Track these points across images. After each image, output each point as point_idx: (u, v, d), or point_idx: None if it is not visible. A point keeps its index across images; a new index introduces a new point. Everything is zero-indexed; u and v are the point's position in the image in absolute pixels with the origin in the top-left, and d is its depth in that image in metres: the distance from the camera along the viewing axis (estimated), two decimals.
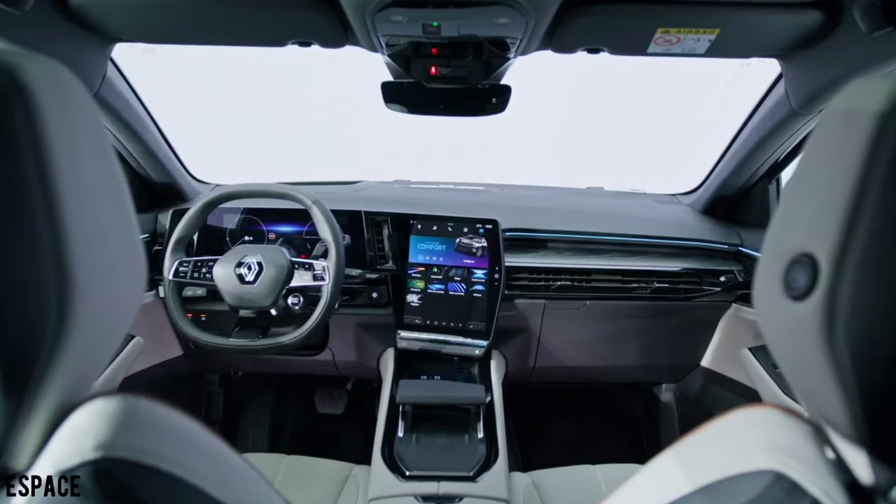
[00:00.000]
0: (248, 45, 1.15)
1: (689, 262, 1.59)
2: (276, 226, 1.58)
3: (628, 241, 1.61)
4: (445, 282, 1.51)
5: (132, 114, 1.37)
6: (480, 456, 1.17)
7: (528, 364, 1.72)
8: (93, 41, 1.11)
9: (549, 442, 2.12)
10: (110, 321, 0.46)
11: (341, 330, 1.64)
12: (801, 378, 0.43)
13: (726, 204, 1.68)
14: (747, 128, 1.43)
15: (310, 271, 1.32)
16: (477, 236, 1.51)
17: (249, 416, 2.06)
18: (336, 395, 2.13)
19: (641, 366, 1.78)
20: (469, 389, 1.34)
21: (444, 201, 1.67)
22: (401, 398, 1.27)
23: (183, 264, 1.35)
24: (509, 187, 1.96)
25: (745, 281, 1.56)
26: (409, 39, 1.07)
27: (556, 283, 1.55)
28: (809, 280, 0.36)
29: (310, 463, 1.32)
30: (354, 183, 1.91)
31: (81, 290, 0.38)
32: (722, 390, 1.69)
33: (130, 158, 1.53)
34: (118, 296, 0.46)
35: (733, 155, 1.51)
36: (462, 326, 1.49)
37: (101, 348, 0.48)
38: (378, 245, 1.55)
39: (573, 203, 1.80)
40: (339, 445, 2.07)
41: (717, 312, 1.64)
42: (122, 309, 0.48)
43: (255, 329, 1.34)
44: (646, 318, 1.65)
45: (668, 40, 1.03)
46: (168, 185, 1.65)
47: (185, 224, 1.36)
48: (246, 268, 1.30)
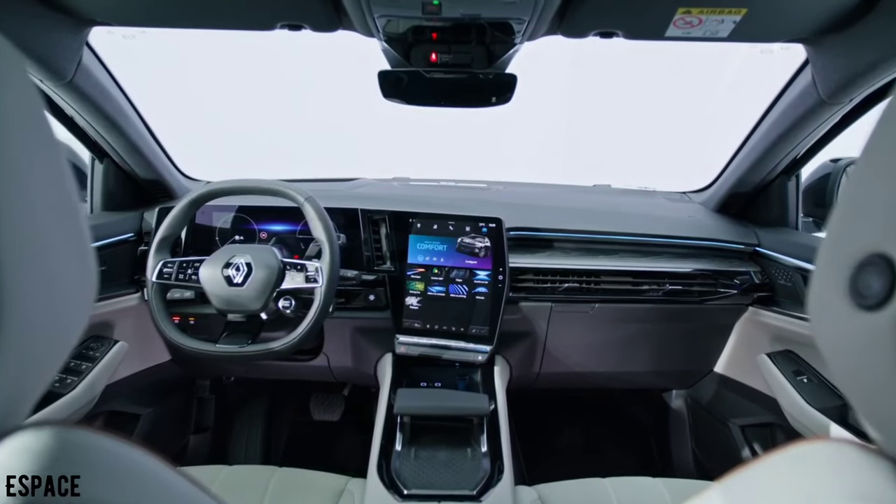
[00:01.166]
0: (235, 29, 1.07)
1: (704, 262, 1.51)
2: (268, 225, 1.50)
3: (639, 240, 1.53)
4: (446, 283, 1.43)
5: (112, 104, 1.29)
6: (484, 472, 1.09)
7: (534, 370, 1.64)
8: (65, 24, 1.03)
9: (554, 450, 2.04)
10: (49, 341, 0.38)
11: (337, 334, 1.56)
12: (874, 404, 0.36)
13: (742, 202, 1.60)
14: (767, 120, 1.35)
15: (302, 272, 1.24)
16: (480, 235, 1.43)
17: (242, 423, 1.98)
18: (332, 401, 2.05)
19: (652, 371, 1.70)
20: (472, 399, 1.26)
21: (445, 199, 1.59)
22: (398, 409, 1.18)
23: (167, 265, 1.27)
24: (513, 185, 1.88)
25: (762, 283, 1.48)
26: (408, 21, 0.99)
27: (563, 285, 1.47)
28: (886, 286, 0.30)
29: (303, 476, 1.25)
30: (351, 180, 1.83)
31: (11, 305, 0.31)
32: (737, 397, 1.61)
33: (113, 153, 1.46)
34: (61, 311, 0.38)
35: (751, 150, 1.43)
36: (464, 331, 1.41)
37: (37, 372, 0.40)
38: (375, 245, 1.48)
39: (580, 201, 1.72)
40: (336, 454, 1.99)
41: (733, 316, 1.56)
42: (66, 326, 0.40)
43: (244, 334, 1.27)
44: (657, 322, 1.57)
45: (688, 22, 0.95)
46: (155, 181, 1.57)
47: (169, 222, 1.28)
48: (234, 269, 1.22)
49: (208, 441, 1.89)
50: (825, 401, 1.27)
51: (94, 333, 1.43)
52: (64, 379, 1.29)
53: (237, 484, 1.21)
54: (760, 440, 1.56)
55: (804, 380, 1.34)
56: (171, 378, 1.71)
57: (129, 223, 1.51)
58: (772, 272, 1.47)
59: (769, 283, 1.48)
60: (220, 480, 1.21)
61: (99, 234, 1.41)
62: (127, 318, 1.48)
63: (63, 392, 1.26)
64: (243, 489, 1.20)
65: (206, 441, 1.89)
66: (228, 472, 1.24)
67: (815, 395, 1.29)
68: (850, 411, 1.23)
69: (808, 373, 1.35)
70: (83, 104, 1.22)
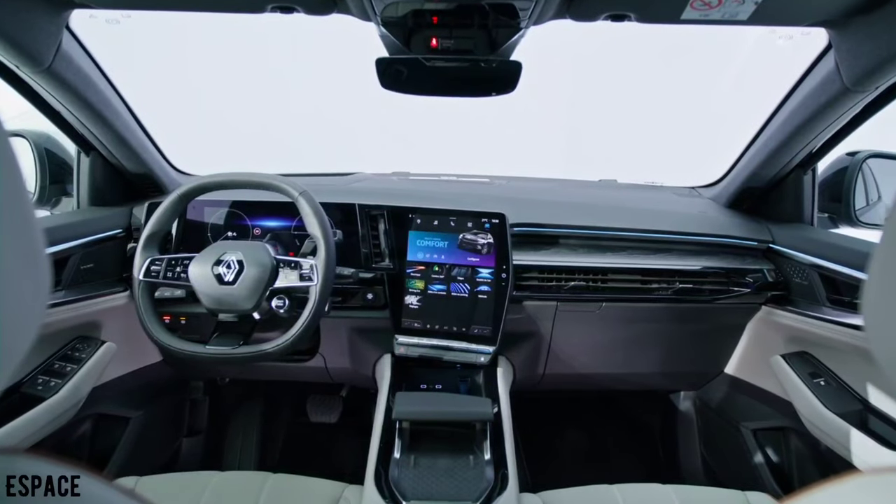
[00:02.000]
0: (223, 11, 1.01)
1: (715, 260, 1.45)
2: (262, 220, 1.45)
3: (648, 237, 1.48)
4: (447, 282, 1.37)
5: (96, 93, 1.23)
6: (488, 482, 1.03)
7: (538, 371, 1.58)
8: (42, 5, 0.97)
9: (557, 454, 1.99)
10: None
11: (333, 334, 1.51)
12: None
13: (755, 197, 1.54)
14: (784, 110, 1.29)
15: (296, 270, 1.18)
16: (482, 232, 1.37)
17: (237, 426, 1.92)
18: (330, 402, 2.00)
19: (659, 373, 1.64)
20: (474, 403, 1.19)
21: (447, 194, 1.53)
22: (397, 414, 1.12)
23: (155, 262, 1.21)
24: (516, 179, 1.82)
25: (776, 281, 1.42)
26: (407, 4, 0.93)
27: (569, 284, 1.41)
28: None
29: (297, 482, 1.19)
30: (348, 175, 1.77)
31: None
32: (748, 400, 1.55)
33: (99, 145, 1.40)
34: (8, 319, 0.33)
35: (766, 141, 1.37)
36: (466, 331, 1.36)
37: None
38: (373, 241, 1.42)
39: (586, 196, 1.66)
40: (333, 458, 1.93)
41: (745, 316, 1.50)
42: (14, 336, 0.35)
43: (235, 335, 1.21)
44: (666, 322, 1.51)
45: (706, 3, 0.89)
46: (144, 175, 1.51)
47: (157, 218, 1.22)
48: (225, 266, 1.16)
49: (202, 444, 1.84)
50: (844, 405, 1.21)
51: (81, 334, 1.38)
52: (47, 381, 1.23)
53: (228, 491, 1.15)
54: (773, 444, 1.50)
55: (821, 382, 1.28)
56: (162, 379, 1.65)
57: (117, 219, 1.46)
58: (786, 270, 1.41)
59: (783, 281, 1.42)
60: (211, 487, 1.16)
61: (86, 231, 1.35)
62: (115, 318, 1.42)
63: (45, 396, 1.20)
64: (235, 497, 1.14)
65: (200, 444, 1.83)
66: (220, 479, 1.19)
67: (833, 398, 1.24)
68: (871, 416, 1.17)
69: (825, 375, 1.29)
70: (64, 93, 1.16)
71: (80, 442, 1.44)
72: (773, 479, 1.46)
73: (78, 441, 1.44)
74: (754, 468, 1.51)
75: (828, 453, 1.31)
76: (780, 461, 1.48)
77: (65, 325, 1.31)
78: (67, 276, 1.29)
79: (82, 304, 1.32)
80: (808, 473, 1.39)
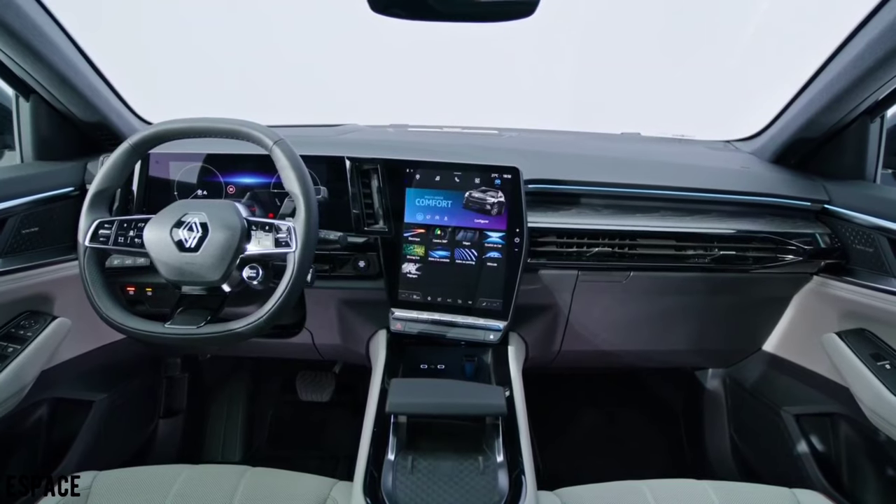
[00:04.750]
0: None
1: (761, 223, 1.25)
2: (237, 177, 1.25)
3: (683, 195, 1.28)
4: (451, 247, 1.19)
5: (31, 29, 1.03)
6: (502, 492, 0.85)
7: (553, 348, 1.41)
8: None
9: (573, 440, 1.83)
10: None
11: (321, 307, 1.33)
12: None
13: (807, 150, 1.33)
14: (852, 48, 1.07)
15: (271, 234, 0.98)
16: (492, 189, 1.17)
17: (220, 406, 1.76)
18: (322, 379, 1.83)
19: (689, 350, 1.47)
20: (485, 394, 1.00)
21: (450, 146, 1.33)
22: (391, 406, 0.94)
23: (104, 226, 1.01)
24: (528, 132, 1.61)
25: (831, 247, 1.23)
26: None
27: (591, 250, 1.22)
28: None
29: (279, 477, 1.03)
30: (338, 126, 1.56)
31: None
32: (791, 381, 1.38)
33: (40, 88, 1.19)
34: None
35: (828, 85, 1.15)
36: (472, 304, 1.19)
37: None
38: (366, 201, 1.22)
39: (609, 150, 1.45)
40: (325, 442, 1.78)
41: (792, 287, 1.32)
42: None
43: (201, 310, 1.02)
44: (700, 294, 1.33)
45: None
46: (98, 124, 1.30)
47: (105, 172, 1.02)
48: (186, 229, 0.97)
49: (180, 427, 1.68)
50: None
51: (28, 308, 1.19)
52: None
53: (199, 488, 0.99)
54: (819, 432, 1.34)
55: (886, 365, 1.11)
56: (132, 357, 1.48)
57: (68, 175, 1.26)
58: (844, 234, 1.22)
59: (840, 247, 1.23)
60: (180, 483, 0.99)
61: (30, 188, 1.16)
62: (69, 290, 1.23)
63: None
64: (205, 496, 0.98)
65: (178, 427, 1.68)
66: (190, 474, 1.02)
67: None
68: None
69: (890, 357, 1.12)
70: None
71: (34, 430, 1.28)
72: (819, 472, 1.30)
73: (32, 429, 1.27)
74: (796, 458, 1.35)
75: (888, 445, 1.15)
76: (828, 452, 1.32)
77: (4, 298, 1.12)
78: (4, 241, 1.10)
79: (26, 273, 1.14)
80: (861, 467, 1.23)
